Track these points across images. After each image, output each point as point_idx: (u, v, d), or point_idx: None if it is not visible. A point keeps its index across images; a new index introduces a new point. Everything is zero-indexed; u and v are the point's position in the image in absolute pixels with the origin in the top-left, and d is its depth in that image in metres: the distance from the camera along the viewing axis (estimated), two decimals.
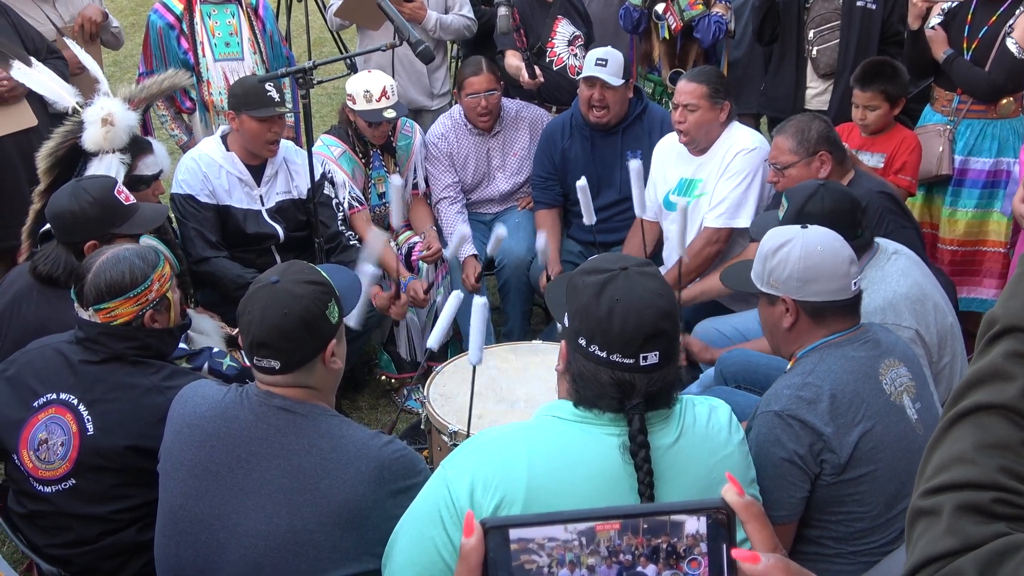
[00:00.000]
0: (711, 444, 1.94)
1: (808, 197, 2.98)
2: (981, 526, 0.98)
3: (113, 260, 2.55)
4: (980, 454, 1.03)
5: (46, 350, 2.61)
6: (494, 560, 0.89)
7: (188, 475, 2.16)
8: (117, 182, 3.14)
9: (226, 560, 2.10)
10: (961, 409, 1.07)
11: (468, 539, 0.90)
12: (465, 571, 0.90)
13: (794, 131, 3.59)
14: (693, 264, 4.11)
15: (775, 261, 2.50)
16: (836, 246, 2.48)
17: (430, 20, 5.00)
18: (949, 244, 4.42)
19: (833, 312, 2.47)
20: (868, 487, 2.37)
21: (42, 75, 3.72)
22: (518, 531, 0.89)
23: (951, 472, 1.04)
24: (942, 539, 1.00)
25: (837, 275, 2.44)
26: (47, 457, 2.49)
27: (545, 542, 0.89)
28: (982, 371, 1.08)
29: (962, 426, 1.07)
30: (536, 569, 0.89)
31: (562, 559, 0.89)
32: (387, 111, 4.24)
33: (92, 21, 4.60)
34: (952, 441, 1.06)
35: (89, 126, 3.41)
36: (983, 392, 1.06)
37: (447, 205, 4.72)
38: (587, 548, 0.89)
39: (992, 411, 1.05)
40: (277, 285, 2.15)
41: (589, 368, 1.83)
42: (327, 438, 2.12)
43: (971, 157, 4.29)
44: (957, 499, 1.01)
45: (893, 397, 2.42)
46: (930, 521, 1.03)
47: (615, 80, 4.28)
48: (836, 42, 4.59)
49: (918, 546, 1.02)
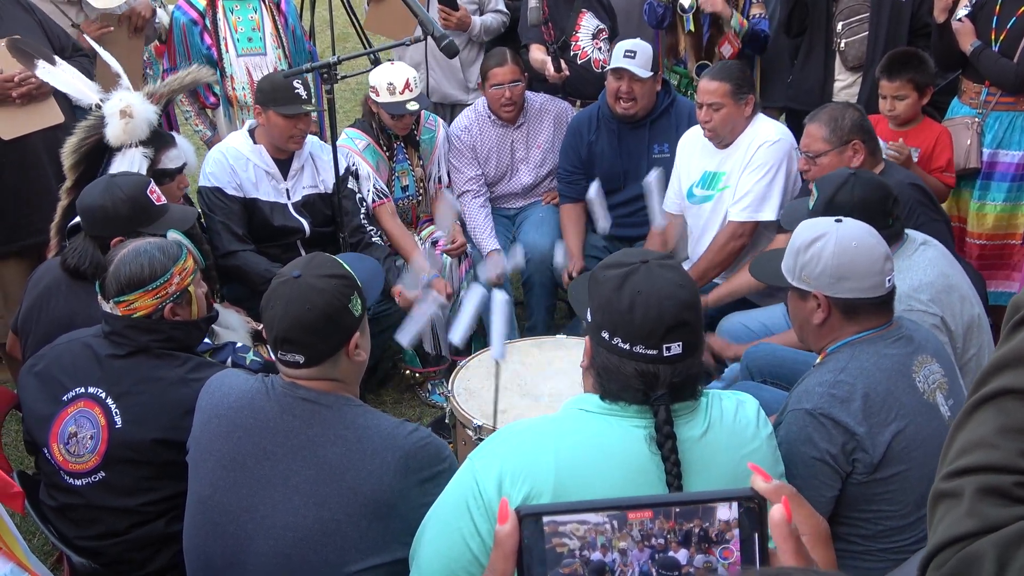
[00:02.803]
0: (739, 438, 1.93)
1: (839, 186, 2.93)
2: (1002, 509, 1.00)
3: (134, 253, 2.57)
4: (1002, 438, 1.04)
5: (74, 345, 2.64)
6: (529, 546, 0.90)
7: (216, 466, 2.17)
8: (151, 181, 3.15)
9: (254, 551, 2.11)
10: (985, 393, 1.08)
11: (503, 526, 0.91)
12: (500, 557, 0.91)
13: (827, 119, 3.54)
14: (718, 259, 4.09)
15: (808, 256, 2.44)
16: (872, 242, 2.43)
17: (475, 27, 5.03)
18: (977, 238, 4.38)
19: (866, 309, 2.42)
20: (899, 486, 2.34)
21: (66, 73, 3.75)
22: (550, 517, 0.90)
23: (973, 455, 1.05)
24: (963, 521, 1.01)
25: (872, 272, 2.39)
26: (77, 451, 2.51)
27: (577, 526, 0.90)
28: (1006, 356, 1.08)
29: (985, 410, 1.07)
30: (568, 552, 0.90)
31: (593, 542, 0.90)
32: (410, 103, 4.25)
33: (141, 16, 4.63)
34: (975, 425, 1.07)
35: (109, 119, 3.43)
36: (1007, 376, 1.07)
37: (470, 198, 4.72)
38: (619, 532, 0.90)
39: (1015, 395, 1.05)
40: (299, 280, 2.16)
41: (613, 361, 1.83)
42: (352, 429, 2.13)
43: (1000, 150, 4.24)
44: (978, 482, 1.03)
45: (926, 395, 2.39)
46: (951, 503, 1.04)
47: (643, 72, 4.27)
48: (865, 34, 4.55)
49: (939, 528, 1.03)
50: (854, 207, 2.77)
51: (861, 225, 2.48)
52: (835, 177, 3.00)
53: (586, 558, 0.90)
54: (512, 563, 0.91)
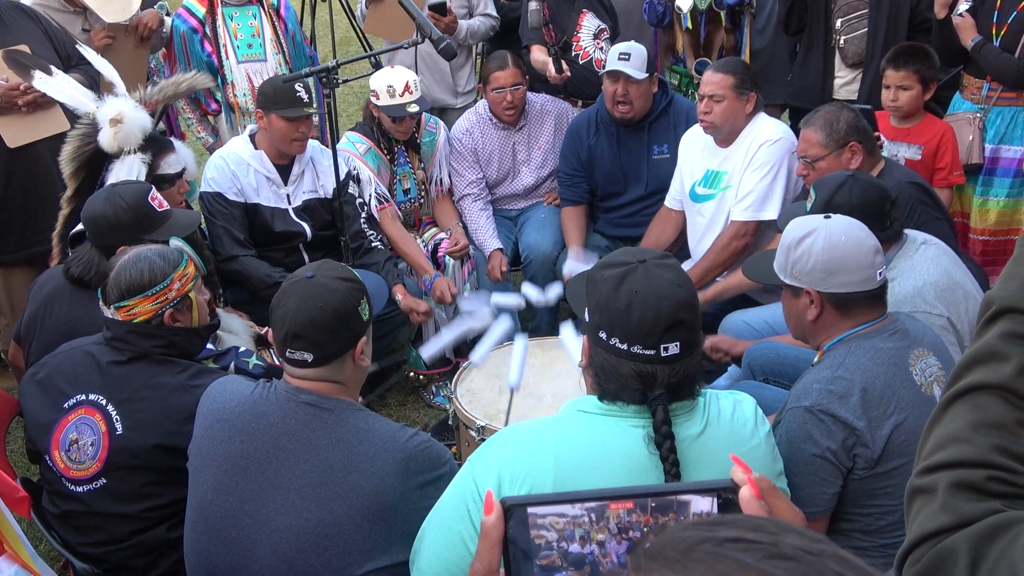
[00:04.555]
0: (737, 436, 1.93)
1: (836, 188, 2.93)
2: (975, 503, 1.01)
3: (134, 259, 2.59)
4: (975, 433, 1.06)
5: (75, 352, 2.65)
6: (513, 537, 0.91)
7: (218, 470, 2.18)
8: (152, 188, 3.17)
9: (256, 555, 2.12)
10: (958, 389, 1.10)
11: (488, 517, 0.92)
12: (486, 548, 0.93)
13: (823, 123, 3.52)
14: (721, 258, 4.08)
15: (798, 252, 2.46)
16: (860, 236, 2.44)
17: (461, 31, 5.03)
18: (980, 234, 4.37)
19: (859, 303, 2.43)
20: (900, 480, 2.33)
21: (62, 83, 3.76)
22: (535, 508, 0.91)
23: (947, 451, 1.07)
24: (937, 516, 1.03)
25: (862, 266, 2.40)
26: (78, 457, 2.53)
27: (556, 519, 0.91)
28: (979, 352, 1.10)
29: (958, 406, 1.09)
30: (546, 544, 0.91)
31: (572, 535, 0.91)
32: (410, 106, 4.26)
33: (147, 26, 4.64)
34: (948, 421, 1.09)
35: (101, 127, 3.44)
36: (979, 372, 1.08)
37: (471, 201, 4.72)
38: (597, 524, 0.91)
39: (987, 391, 1.07)
40: (312, 280, 2.20)
41: (610, 361, 1.83)
42: (354, 432, 2.14)
43: (1002, 145, 4.23)
44: (952, 477, 1.05)
45: (924, 388, 2.39)
46: (926, 499, 1.06)
47: (639, 74, 4.26)
48: (864, 31, 4.55)
49: (915, 523, 1.05)
50: (852, 209, 2.76)
51: (850, 220, 2.49)
52: (833, 179, 3.00)
53: (564, 550, 0.91)
54: (498, 553, 0.92)
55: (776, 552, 0.66)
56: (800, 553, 0.66)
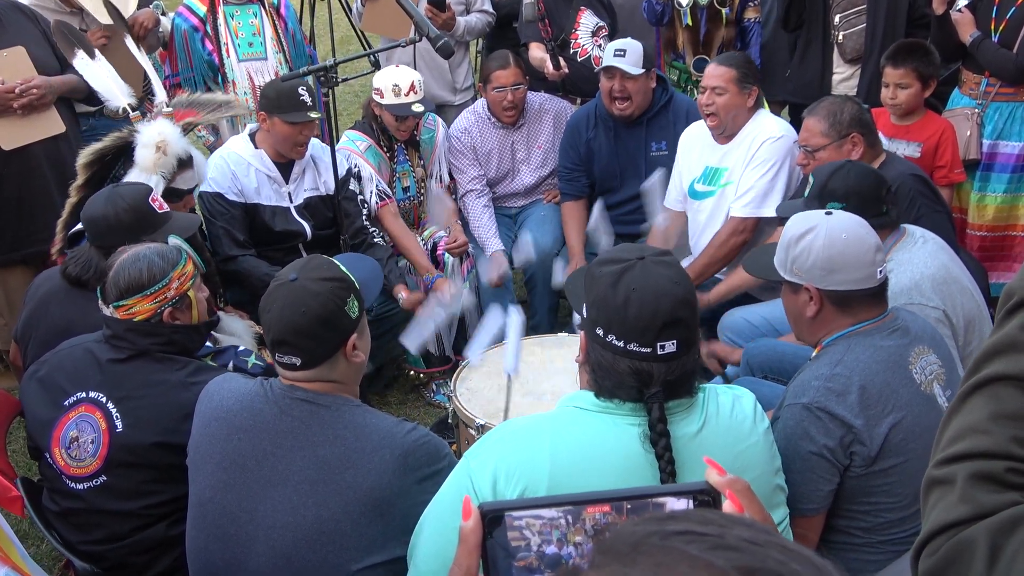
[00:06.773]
0: (735, 433, 1.93)
1: (832, 172, 2.95)
2: (994, 495, 1.00)
3: (133, 258, 2.60)
4: (994, 424, 1.04)
5: (76, 350, 2.66)
6: (492, 542, 0.92)
7: (216, 468, 2.18)
8: (152, 190, 3.17)
9: (255, 552, 2.12)
10: (977, 380, 1.08)
11: (466, 523, 0.94)
12: (465, 553, 0.94)
13: (826, 113, 3.53)
14: (719, 255, 4.09)
15: (798, 249, 2.44)
16: (861, 233, 2.42)
17: (459, 28, 5.03)
18: (978, 229, 4.37)
19: (859, 300, 2.42)
20: (898, 478, 2.33)
21: (102, 69, 3.77)
22: (513, 513, 0.92)
23: (965, 442, 1.06)
24: (955, 507, 1.02)
25: (863, 263, 2.39)
26: (78, 455, 2.53)
27: (533, 520, 0.92)
28: (999, 343, 1.09)
29: (978, 397, 1.08)
30: (524, 546, 0.92)
31: (549, 537, 0.91)
32: (415, 105, 4.27)
33: (143, 26, 4.65)
34: (968, 411, 1.08)
35: (142, 147, 3.43)
36: (999, 363, 1.07)
37: (473, 198, 4.73)
38: (573, 526, 0.92)
39: (1008, 382, 1.06)
40: (295, 283, 2.18)
41: (607, 358, 1.83)
42: (351, 428, 2.14)
43: (1000, 141, 4.22)
44: (971, 468, 1.03)
45: (923, 386, 2.38)
46: (944, 490, 1.05)
47: (634, 69, 4.26)
48: (863, 27, 4.55)
49: (932, 514, 1.04)
50: (848, 193, 2.77)
51: (851, 217, 2.47)
52: (830, 165, 3.02)
53: (541, 552, 0.91)
54: (476, 558, 0.93)
55: (721, 543, 0.67)
56: (744, 543, 0.67)
